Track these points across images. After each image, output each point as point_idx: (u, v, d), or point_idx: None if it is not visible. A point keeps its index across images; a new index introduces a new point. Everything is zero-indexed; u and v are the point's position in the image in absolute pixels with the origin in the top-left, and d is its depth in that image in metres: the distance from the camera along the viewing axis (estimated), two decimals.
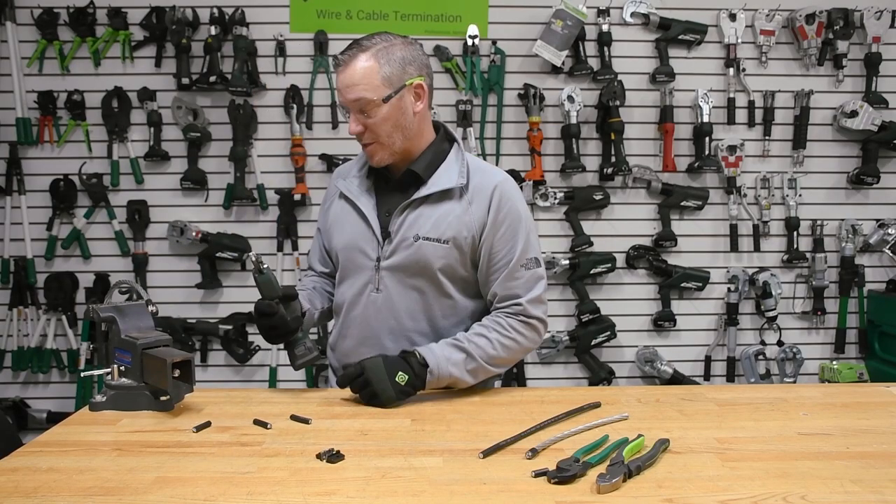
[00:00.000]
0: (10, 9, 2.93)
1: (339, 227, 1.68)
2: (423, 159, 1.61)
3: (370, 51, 1.52)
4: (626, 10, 3.05)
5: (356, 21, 3.01)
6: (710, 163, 3.04)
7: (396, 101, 1.53)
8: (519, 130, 3.07)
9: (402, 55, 1.54)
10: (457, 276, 1.61)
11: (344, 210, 1.67)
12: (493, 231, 1.58)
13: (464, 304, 1.64)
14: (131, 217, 3.01)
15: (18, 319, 3.05)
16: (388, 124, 1.54)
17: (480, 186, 1.59)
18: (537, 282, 1.61)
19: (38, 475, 1.10)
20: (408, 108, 1.56)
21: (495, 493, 1.04)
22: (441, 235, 1.56)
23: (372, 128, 1.54)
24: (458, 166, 1.60)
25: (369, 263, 1.61)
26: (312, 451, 1.18)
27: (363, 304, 1.63)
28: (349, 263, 1.65)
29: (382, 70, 1.51)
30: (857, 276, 3.16)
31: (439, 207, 1.58)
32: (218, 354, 3.11)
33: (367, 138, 1.56)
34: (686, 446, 1.21)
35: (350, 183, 1.68)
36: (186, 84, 2.95)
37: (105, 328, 1.48)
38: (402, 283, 1.59)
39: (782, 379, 3.16)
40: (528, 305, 1.58)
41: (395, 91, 1.53)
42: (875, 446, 1.23)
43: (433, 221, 1.57)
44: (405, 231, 1.57)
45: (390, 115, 1.54)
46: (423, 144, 1.63)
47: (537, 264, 1.62)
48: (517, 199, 1.62)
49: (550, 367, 3.18)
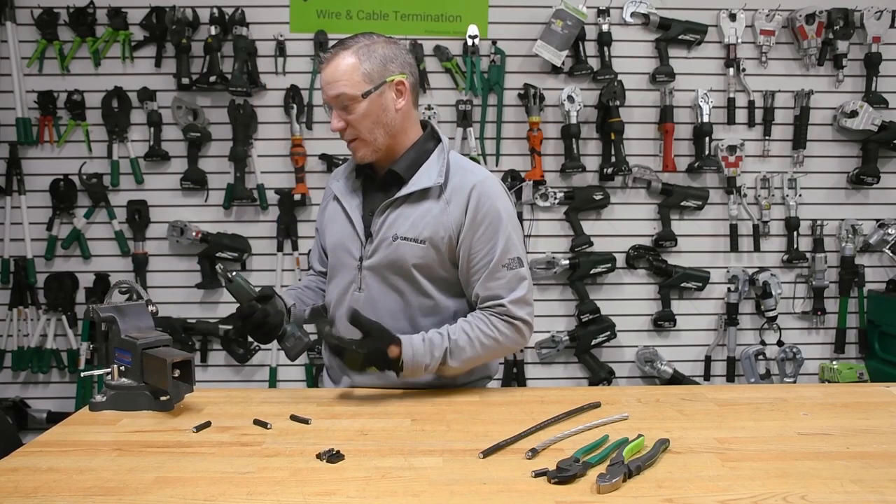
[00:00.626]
0: (10, 9, 2.93)
1: (331, 227, 1.70)
2: (405, 159, 1.62)
3: (352, 48, 1.54)
4: (626, 10, 3.05)
5: (356, 21, 3.01)
6: (710, 163, 3.04)
7: (377, 98, 1.55)
8: (519, 130, 3.06)
9: (384, 52, 1.56)
10: (435, 276, 1.60)
11: (335, 211, 1.70)
12: (472, 231, 1.56)
13: (445, 303, 1.63)
14: (131, 217, 3.01)
15: (18, 319, 3.05)
16: (368, 120, 1.55)
17: (459, 186, 1.58)
18: (520, 282, 1.59)
19: (38, 475, 1.10)
20: (389, 105, 1.57)
21: (495, 493, 1.04)
22: (418, 235, 1.56)
23: (353, 124, 1.56)
24: (439, 165, 1.59)
25: (353, 263, 1.63)
26: (312, 451, 1.18)
27: (347, 302, 1.64)
28: (336, 263, 1.68)
29: (363, 66, 1.53)
30: (857, 276, 3.16)
31: (418, 207, 1.58)
32: (218, 354, 3.11)
33: (349, 135, 1.58)
34: (686, 446, 1.21)
35: (340, 184, 1.70)
36: (186, 84, 2.95)
37: (105, 328, 1.48)
38: (382, 282, 1.60)
39: (782, 379, 3.16)
40: (511, 306, 1.56)
41: (376, 87, 1.54)
42: (875, 446, 1.23)
43: (411, 221, 1.57)
44: (385, 231, 1.58)
45: (371, 111, 1.55)
46: (407, 143, 1.63)
47: (520, 264, 1.59)
48: (497, 198, 1.59)
49: (550, 367, 3.18)
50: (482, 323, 1.57)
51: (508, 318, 1.57)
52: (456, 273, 1.62)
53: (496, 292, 1.57)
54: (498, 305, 1.57)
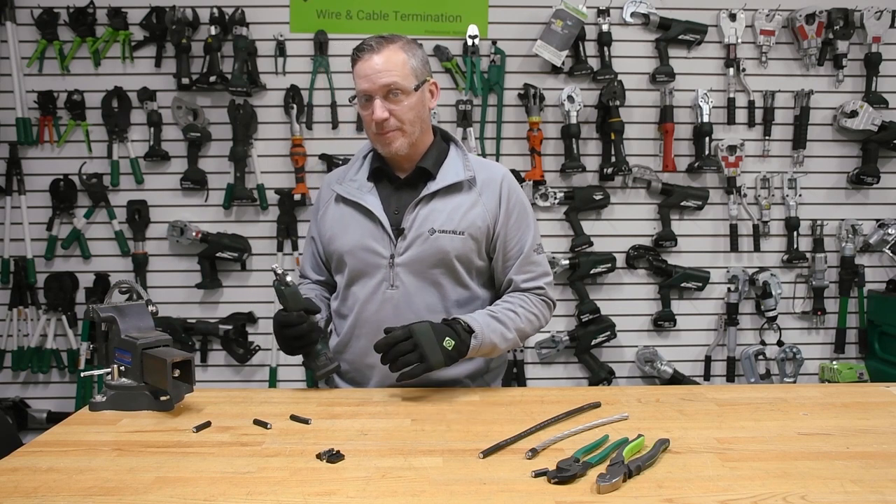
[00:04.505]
0: (10, 9, 2.93)
1: (343, 229, 1.68)
2: (430, 157, 1.68)
3: (398, 43, 1.61)
4: (626, 10, 3.05)
5: (356, 21, 3.01)
6: (710, 163, 3.04)
7: (421, 94, 1.63)
8: (519, 130, 3.07)
9: (423, 54, 1.66)
10: (472, 266, 1.68)
11: (345, 213, 1.68)
12: (507, 220, 1.67)
13: (478, 293, 1.71)
14: (131, 217, 3.02)
15: (18, 319, 3.05)
16: (412, 113, 1.61)
17: (489, 179, 1.68)
18: (548, 265, 1.76)
19: (38, 475, 1.10)
20: (427, 103, 1.66)
21: (495, 493, 1.04)
22: (456, 227, 1.62)
23: (398, 114, 1.60)
24: (462, 161, 1.68)
25: (382, 261, 1.63)
26: (312, 451, 1.18)
27: (378, 301, 1.64)
28: (359, 264, 1.66)
29: (411, 61, 1.61)
30: (857, 276, 3.16)
31: (451, 201, 1.64)
32: (218, 354, 3.11)
33: (391, 125, 1.60)
34: (686, 446, 1.21)
35: (349, 186, 1.69)
36: (186, 84, 2.96)
37: (105, 328, 1.48)
38: (419, 277, 1.63)
39: (782, 379, 3.16)
40: (548, 288, 1.74)
41: (420, 83, 1.62)
42: (875, 446, 1.23)
43: (447, 214, 1.63)
44: (419, 226, 1.62)
45: (416, 104, 1.61)
46: (428, 141, 1.70)
47: (542, 250, 1.75)
48: (520, 191, 1.74)
49: (550, 367, 3.18)
50: (525, 302, 1.68)
51: (546, 298, 1.73)
52: (488, 262, 1.71)
53: (533, 275, 1.71)
54: (537, 288, 1.71)
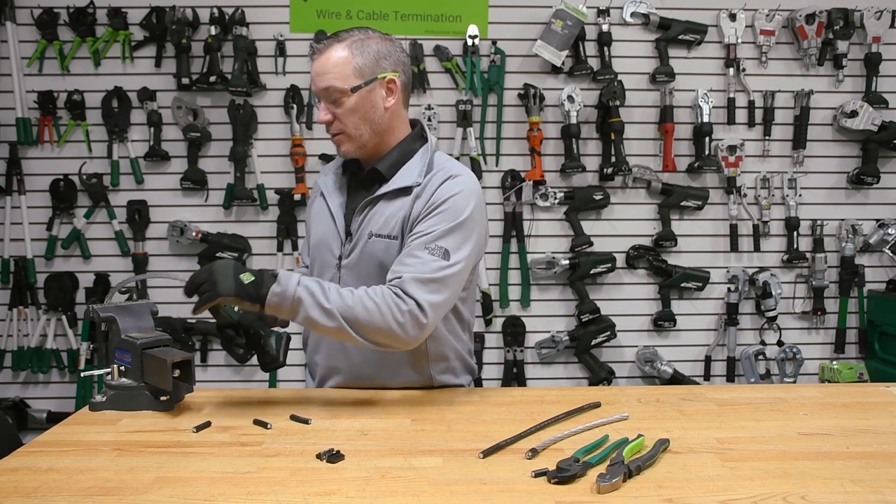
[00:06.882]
0: (10, 9, 2.93)
1: (315, 224, 1.68)
2: (389, 158, 1.59)
3: (345, 41, 1.53)
4: (626, 10, 3.05)
5: (356, 21, 3.01)
6: (710, 163, 3.04)
7: (366, 94, 1.53)
8: (519, 130, 3.06)
9: (378, 49, 1.54)
10: None
11: (321, 207, 1.67)
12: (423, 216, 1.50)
13: None
14: (131, 217, 3.01)
15: (18, 319, 3.05)
16: (355, 116, 1.53)
17: (431, 183, 1.53)
18: (436, 272, 1.43)
19: (38, 475, 1.10)
20: (378, 103, 1.55)
21: (495, 493, 1.03)
22: (390, 232, 1.53)
23: (340, 118, 1.54)
24: (421, 165, 1.56)
25: (333, 261, 1.60)
26: (312, 451, 1.18)
27: None
28: (318, 261, 1.65)
29: (355, 60, 1.51)
30: (857, 276, 3.16)
31: (392, 205, 1.55)
32: (218, 354, 3.11)
33: (335, 128, 1.56)
34: (686, 446, 1.21)
35: (329, 179, 1.68)
36: (186, 84, 2.95)
37: (105, 328, 1.48)
38: (359, 280, 1.53)
39: (782, 379, 3.16)
40: (409, 281, 1.41)
41: (366, 83, 1.52)
42: (875, 446, 1.23)
43: (385, 219, 1.54)
44: (362, 229, 1.56)
45: (358, 106, 1.53)
46: (393, 142, 1.60)
47: (446, 259, 1.44)
48: (465, 197, 1.51)
49: (550, 367, 3.18)
50: (371, 291, 1.42)
51: (400, 290, 1.41)
52: None
53: (405, 267, 1.44)
54: (396, 278, 1.43)
